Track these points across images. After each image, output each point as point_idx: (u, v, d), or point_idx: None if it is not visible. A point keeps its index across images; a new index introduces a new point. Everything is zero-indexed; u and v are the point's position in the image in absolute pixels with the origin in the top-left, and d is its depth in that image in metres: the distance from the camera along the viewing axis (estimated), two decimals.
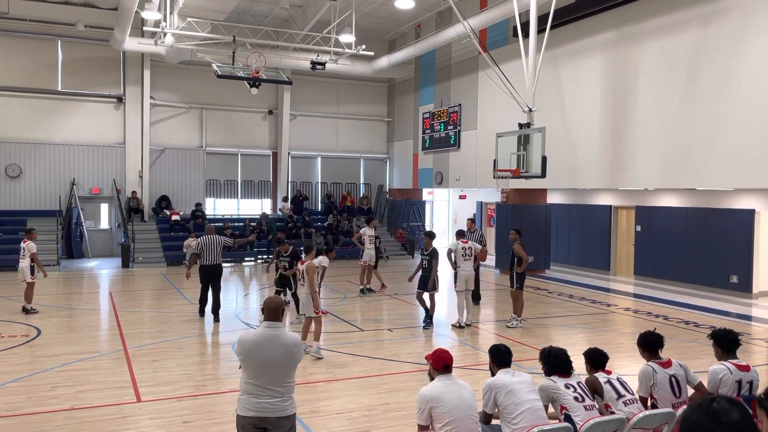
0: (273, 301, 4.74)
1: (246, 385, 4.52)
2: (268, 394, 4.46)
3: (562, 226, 20.61)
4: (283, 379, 4.52)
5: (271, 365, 4.47)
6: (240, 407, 4.53)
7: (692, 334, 11.01)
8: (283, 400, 4.51)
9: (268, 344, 4.51)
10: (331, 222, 23.69)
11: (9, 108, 21.12)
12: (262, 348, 4.49)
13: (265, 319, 4.68)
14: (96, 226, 22.56)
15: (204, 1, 16.78)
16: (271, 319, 4.64)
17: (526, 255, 11.53)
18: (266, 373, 4.46)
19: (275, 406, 4.47)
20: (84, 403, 7.24)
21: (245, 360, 4.52)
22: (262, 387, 4.46)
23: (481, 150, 20.09)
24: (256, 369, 4.48)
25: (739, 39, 12.64)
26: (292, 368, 4.59)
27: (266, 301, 4.77)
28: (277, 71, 19.84)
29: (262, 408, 4.45)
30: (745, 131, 12.46)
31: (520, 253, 11.44)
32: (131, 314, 12.35)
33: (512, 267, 11.63)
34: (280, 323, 4.67)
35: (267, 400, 4.45)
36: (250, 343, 4.53)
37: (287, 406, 4.53)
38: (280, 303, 4.75)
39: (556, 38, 15.73)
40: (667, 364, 5.31)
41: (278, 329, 4.61)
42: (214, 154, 24.24)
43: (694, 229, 16.27)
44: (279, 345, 4.51)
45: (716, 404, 2.08)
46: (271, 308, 4.68)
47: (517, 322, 11.61)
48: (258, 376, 4.47)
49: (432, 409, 4.59)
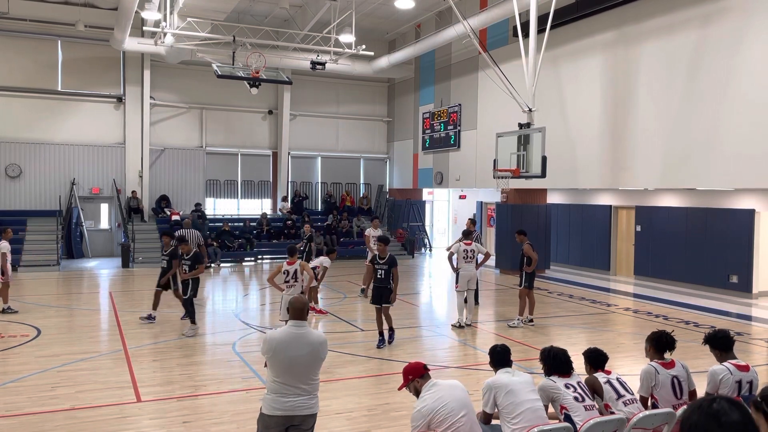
0: (298, 301, 4.81)
1: (273, 384, 4.58)
2: (295, 392, 4.54)
3: (562, 226, 20.61)
4: (309, 377, 4.60)
5: (298, 364, 4.56)
6: (266, 406, 4.57)
7: (692, 334, 11.00)
8: (310, 398, 4.60)
9: (294, 343, 4.58)
10: (331, 222, 23.68)
11: (9, 108, 21.12)
12: (288, 347, 4.57)
13: (291, 318, 4.76)
14: (96, 226, 22.56)
15: (204, 1, 16.77)
16: (296, 318, 4.73)
17: (535, 255, 11.58)
18: (293, 372, 4.54)
19: (303, 404, 4.56)
20: (84, 403, 7.24)
21: (272, 359, 4.59)
22: (289, 386, 4.53)
23: (481, 150, 20.09)
24: (283, 368, 4.55)
25: (739, 39, 12.64)
26: (317, 366, 4.68)
27: (292, 301, 4.85)
28: (277, 71, 19.84)
29: (290, 407, 4.52)
30: (745, 131, 12.46)
31: (529, 253, 11.55)
32: (131, 314, 12.35)
33: (522, 267, 11.68)
34: (305, 322, 4.75)
35: (294, 399, 4.53)
36: (277, 342, 4.60)
37: (314, 404, 4.64)
38: (305, 303, 4.84)
39: (556, 38, 15.73)
40: (670, 365, 5.30)
41: (304, 328, 4.70)
42: (214, 154, 24.24)
43: (694, 229, 16.27)
44: (305, 343, 4.60)
45: (716, 405, 2.08)
46: (297, 308, 4.75)
47: (518, 321, 11.62)
48: (285, 375, 4.54)
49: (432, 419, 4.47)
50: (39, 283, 16.44)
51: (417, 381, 4.73)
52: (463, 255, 11.62)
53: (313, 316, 12.46)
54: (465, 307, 11.58)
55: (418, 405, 4.57)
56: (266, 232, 22.73)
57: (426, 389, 4.65)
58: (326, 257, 13.02)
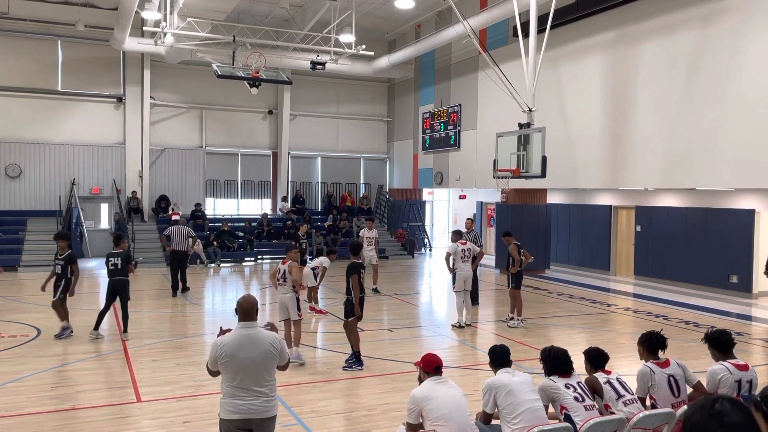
0: (247, 301, 4.72)
1: (227, 388, 4.51)
2: (252, 395, 4.47)
3: (562, 226, 20.61)
4: (264, 378, 4.53)
5: (250, 365, 4.48)
6: (223, 411, 4.50)
7: (692, 334, 11.00)
8: (267, 400, 4.53)
9: (245, 345, 4.51)
10: (332, 222, 23.68)
11: (9, 108, 21.11)
12: (239, 349, 4.49)
13: (239, 320, 4.67)
14: (96, 226, 22.54)
15: (204, 1, 16.77)
16: (245, 319, 4.65)
17: (518, 256, 11.65)
18: (247, 374, 4.47)
19: (259, 407, 4.48)
20: (84, 403, 7.24)
21: (225, 363, 4.49)
22: (243, 388, 4.46)
23: (481, 150, 20.09)
24: (236, 371, 4.47)
25: (739, 39, 12.64)
26: (271, 366, 4.60)
27: (240, 301, 4.74)
28: (277, 71, 19.84)
29: (246, 410, 4.45)
30: (745, 131, 12.46)
31: (513, 254, 11.67)
32: (131, 314, 12.32)
33: (508, 267, 11.86)
34: (255, 322, 4.68)
35: (251, 402, 4.46)
36: (229, 345, 4.51)
37: (271, 406, 4.56)
38: (253, 303, 4.73)
39: (556, 38, 15.73)
40: (665, 364, 5.30)
41: (254, 329, 4.62)
42: (214, 154, 24.24)
43: (694, 229, 16.27)
44: (256, 344, 4.53)
45: (719, 405, 2.08)
46: (245, 308, 4.67)
47: (517, 322, 11.63)
48: (238, 378, 4.47)
49: (423, 409, 4.69)
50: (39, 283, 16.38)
51: (424, 373, 4.99)
52: (461, 255, 11.64)
53: (312, 316, 12.46)
54: (464, 308, 11.59)
55: (414, 390, 4.86)
56: (266, 232, 22.73)
57: (427, 381, 4.90)
58: (326, 257, 13.01)
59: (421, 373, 5.02)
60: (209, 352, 4.65)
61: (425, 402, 4.69)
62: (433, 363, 4.97)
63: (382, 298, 14.66)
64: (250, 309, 4.68)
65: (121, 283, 10.26)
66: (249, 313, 4.67)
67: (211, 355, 4.59)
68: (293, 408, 7.11)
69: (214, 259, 20.62)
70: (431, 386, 4.81)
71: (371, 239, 15.36)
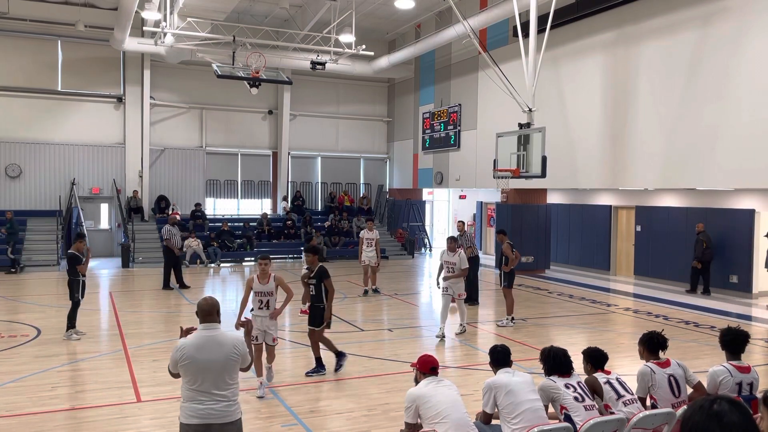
0: (207, 303, 4.55)
1: (187, 392, 4.36)
2: (212, 399, 4.32)
3: (562, 226, 20.61)
4: (225, 382, 4.38)
5: (211, 369, 4.33)
6: (183, 415, 4.35)
7: (692, 334, 11.01)
8: (228, 404, 4.38)
9: (206, 347, 4.37)
10: (332, 222, 23.68)
11: (9, 108, 21.11)
12: (200, 351, 4.35)
13: (200, 322, 4.52)
14: (96, 226, 22.55)
15: (204, 1, 16.77)
16: (205, 321, 4.50)
17: (512, 255, 11.62)
18: (208, 378, 4.32)
19: (220, 411, 4.33)
20: (84, 403, 7.24)
21: (185, 366, 4.34)
22: (204, 392, 4.32)
23: (481, 150, 20.09)
24: (196, 374, 4.32)
25: (738, 39, 12.64)
26: (233, 369, 4.44)
27: (200, 302, 4.58)
28: (277, 71, 19.83)
29: (206, 414, 4.30)
30: (745, 131, 12.46)
31: (507, 253, 11.64)
32: (131, 314, 12.35)
33: (500, 266, 11.82)
34: (217, 324, 4.51)
35: (211, 406, 4.31)
36: (189, 347, 4.36)
37: (233, 411, 4.40)
38: (213, 304, 4.56)
39: (556, 38, 15.73)
40: (665, 364, 5.29)
41: (215, 330, 4.47)
42: (214, 154, 24.24)
43: (694, 229, 16.26)
44: (217, 346, 4.39)
45: (717, 405, 2.08)
46: (205, 310, 4.52)
47: (506, 320, 11.63)
48: (198, 381, 4.32)
49: (420, 408, 4.72)
50: (39, 283, 16.45)
51: (420, 374, 5.02)
52: (446, 267, 10.81)
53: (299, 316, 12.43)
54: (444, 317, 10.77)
55: (410, 389, 4.91)
56: (266, 232, 22.73)
57: (424, 381, 4.93)
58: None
59: (418, 374, 5.06)
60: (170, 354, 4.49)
61: (422, 400, 4.72)
62: (429, 364, 5.00)
63: (382, 298, 14.66)
64: (211, 310, 4.52)
65: (68, 283, 10.43)
66: (209, 314, 4.51)
67: (171, 358, 4.43)
68: (293, 408, 7.12)
69: (214, 259, 20.63)
70: (427, 385, 4.84)
71: (371, 240, 15.25)
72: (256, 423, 6.61)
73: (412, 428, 4.77)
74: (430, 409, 4.67)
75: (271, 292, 7.72)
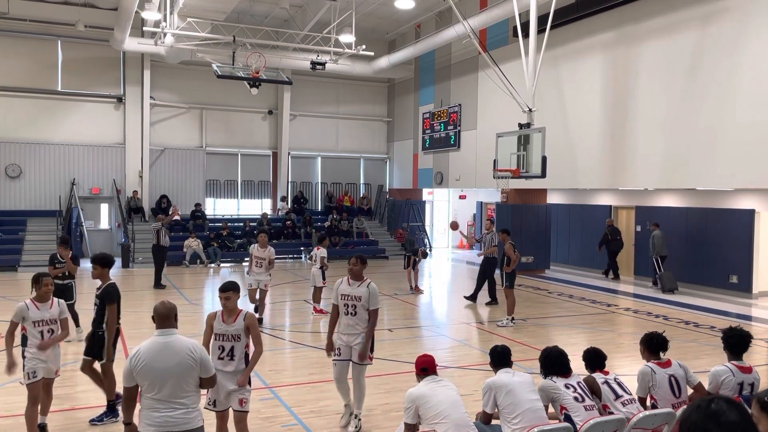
0: (164, 306, 4.37)
1: (145, 400, 4.19)
2: (169, 407, 4.16)
3: (562, 226, 20.61)
4: (183, 389, 4.21)
5: (168, 376, 4.16)
6: (141, 423, 4.20)
7: (692, 334, 11.01)
8: (187, 412, 4.21)
9: (161, 354, 4.19)
10: (332, 222, 23.69)
11: (9, 108, 21.11)
12: (155, 359, 4.17)
13: (156, 327, 4.34)
14: (96, 226, 22.55)
15: (204, 1, 16.77)
16: (162, 327, 4.32)
17: (515, 255, 11.64)
18: (164, 385, 4.15)
19: (179, 419, 4.17)
20: (84, 403, 7.24)
21: (141, 373, 4.16)
22: (161, 400, 4.15)
23: (481, 150, 20.09)
24: (154, 382, 4.15)
25: (739, 39, 12.64)
26: (190, 377, 4.25)
27: (157, 306, 4.37)
28: (277, 71, 19.84)
29: (164, 422, 4.13)
30: (745, 131, 12.46)
31: (509, 253, 11.65)
32: (131, 314, 12.34)
33: (501, 266, 11.86)
34: (173, 330, 4.35)
35: (169, 414, 4.15)
36: (144, 354, 4.18)
37: (192, 418, 4.24)
38: (170, 308, 4.38)
39: (556, 38, 15.73)
40: (666, 364, 5.29)
41: (171, 336, 4.30)
42: (214, 154, 24.24)
43: (694, 229, 16.27)
44: (172, 353, 4.21)
45: (715, 405, 2.08)
46: (161, 314, 4.33)
47: (507, 321, 11.64)
48: (155, 389, 4.15)
49: (419, 408, 4.73)
50: None
51: (417, 376, 5.06)
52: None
53: (312, 315, 12.46)
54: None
55: (410, 389, 4.90)
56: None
57: (423, 381, 4.95)
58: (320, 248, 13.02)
59: (417, 376, 5.10)
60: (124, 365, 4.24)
61: (421, 401, 4.73)
62: (420, 364, 5.05)
63: (382, 298, 14.63)
64: (167, 314, 4.34)
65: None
66: (167, 318, 4.33)
67: (124, 371, 4.20)
68: (293, 408, 7.12)
69: (213, 259, 20.64)
70: (426, 385, 4.86)
71: (261, 260, 11.56)
72: (256, 423, 6.61)
73: (411, 428, 4.77)
74: (429, 409, 4.67)
75: (237, 335, 5.44)
